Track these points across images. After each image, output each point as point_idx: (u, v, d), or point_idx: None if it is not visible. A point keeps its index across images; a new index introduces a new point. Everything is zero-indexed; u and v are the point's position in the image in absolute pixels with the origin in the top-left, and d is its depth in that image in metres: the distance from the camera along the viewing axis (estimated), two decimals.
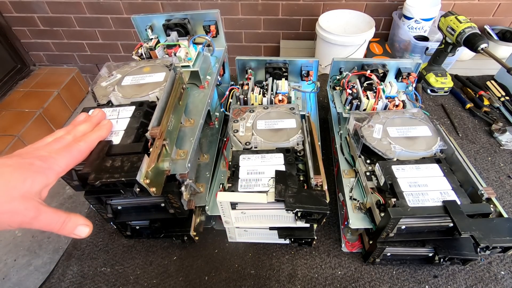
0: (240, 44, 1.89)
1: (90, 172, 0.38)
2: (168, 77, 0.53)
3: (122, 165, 0.38)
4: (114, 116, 0.47)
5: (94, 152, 0.41)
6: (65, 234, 0.34)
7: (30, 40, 2.01)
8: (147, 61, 0.61)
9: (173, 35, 0.68)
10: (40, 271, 1.36)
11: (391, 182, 0.48)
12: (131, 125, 0.45)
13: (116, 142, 0.43)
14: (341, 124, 0.68)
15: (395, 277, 0.54)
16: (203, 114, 0.58)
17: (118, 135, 0.44)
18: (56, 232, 0.33)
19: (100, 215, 0.50)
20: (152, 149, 0.41)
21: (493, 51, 0.79)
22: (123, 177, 0.37)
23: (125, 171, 0.38)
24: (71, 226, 0.34)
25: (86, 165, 0.39)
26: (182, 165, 0.48)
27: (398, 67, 0.70)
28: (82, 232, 0.35)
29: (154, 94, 0.51)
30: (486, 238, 0.39)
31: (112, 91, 0.52)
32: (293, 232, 0.53)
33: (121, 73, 0.56)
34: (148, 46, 0.65)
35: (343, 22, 1.50)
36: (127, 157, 0.40)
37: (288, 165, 0.50)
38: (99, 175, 0.38)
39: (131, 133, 0.44)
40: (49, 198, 1.65)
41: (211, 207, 0.56)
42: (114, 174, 0.38)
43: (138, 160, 0.39)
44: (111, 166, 0.38)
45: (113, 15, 1.81)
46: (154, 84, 0.53)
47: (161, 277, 0.56)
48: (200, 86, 0.65)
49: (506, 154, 0.76)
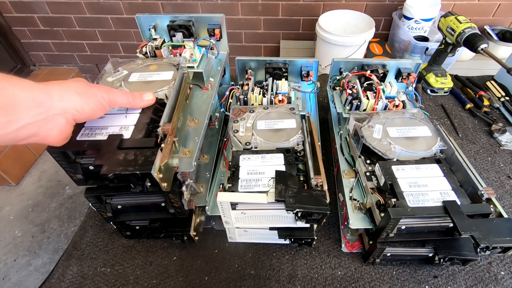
0: (240, 44, 1.89)
1: (103, 164, 0.39)
2: (177, 76, 0.54)
3: (136, 159, 0.39)
4: (123, 111, 0.48)
5: (105, 145, 0.41)
6: (138, 105, 0.47)
7: (30, 40, 2.01)
8: (153, 59, 0.62)
9: (178, 36, 0.69)
10: (40, 271, 1.36)
11: (391, 182, 0.48)
12: (141, 120, 0.46)
13: (127, 136, 0.44)
14: (341, 124, 0.68)
15: (395, 277, 0.54)
16: (208, 114, 0.59)
17: (128, 129, 0.45)
18: (130, 107, 0.46)
19: (100, 215, 0.50)
20: (164, 144, 0.42)
21: (493, 51, 0.79)
22: (138, 170, 0.38)
23: (139, 164, 0.39)
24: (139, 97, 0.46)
25: (97, 158, 0.40)
26: (189, 163, 0.49)
27: (398, 67, 0.70)
28: (147, 96, 0.47)
29: (162, 91, 0.52)
30: (486, 238, 0.39)
31: (119, 86, 0.53)
32: (293, 232, 0.53)
33: (127, 69, 0.57)
34: (154, 45, 0.66)
35: (343, 22, 1.50)
36: (140, 151, 0.40)
37: (288, 165, 0.50)
38: (112, 167, 0.38)
39: (142, 128, 0.45)
40: (49, 198, 1.66)
41: (211, 207, 0.56)
42: (128, 166, 0.38)
43: (152, 154, 0.40)
44: (124, 159, 0.39)
45: (113, 15, 1.81)
46: (162, 82, 0.54)
47: (161, 277, 0.56)
48: (203, 88, 0.66)
49: (506, 154, 0.76)
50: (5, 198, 1.65)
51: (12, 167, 1.68)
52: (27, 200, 1.63)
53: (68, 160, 0.43)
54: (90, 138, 0.44)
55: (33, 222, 1.54)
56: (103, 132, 0.44)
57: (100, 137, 0.44)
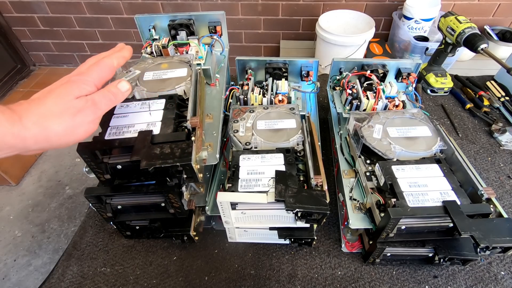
0: (240, 44, 1.89)
1: (141, 159, 0.40)
2: (192, 72, 0.56)
3: (173, 152, 0.41)
4: (146, 108, 0.50)
5: (138, 141, 0.43)
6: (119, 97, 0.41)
7: (30, 40, 2.01)
8: (163, 58, 0.63)
9: (182, 34, 0.70)
10: (40, 271, 1.36)
11: (391, 182, 0.48)
12: (166, 116, 0.48)
13: (156, 132, 0.45)
14: (341, 124, 0.68)
15: (395, 277, 0.54)
16: (221, 109, 0.61)
17: (155, 125, 0.46)
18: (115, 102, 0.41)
19: (100, 215, 0.50)
20: (194, 137, 0.44)
21: (493, 51, 0.79)
22: (178, 162, 0.40)
23: (178, 157, 0.40)
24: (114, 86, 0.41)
25: (133, 153, 0.41)
26: (212, 156, 0.51)
27: (398, 67, 0.70)
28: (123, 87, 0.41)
29: (180, 88, 0.54)
30: (486, 238, 0.39)
31: (135, 86, 0.55)
32: (293, 232, 0.53)
33: (139, 69, 0.58)
34: (160, 44, 0.67)
35: (343, 22, 1.50)
36: (174, 144, 0.42)
37: (288, 165, 0.50)
38: (151, 161, 0.40)
39: (169, 124, 0.46)
40: (49, 198, 1.66)
41: (211, 207, 0.56)
42: (167, 159, 0.40)
43: (188, 146, 0.41)
44: (161, 153, 0.41)
45: (113, 15, 1.81)
46: (178, 79, 0.55)
47: (161, 277, 0.56)
48: (211, 84, 0.68)
49: (506, 154, 0.76)
50: (5, 198, 1.65)
51: (12, 167, 1.68)
52: (27, 200, 1.63)
53: (97, 161, 0.44)
54: (119, 136, 0.45)
55: (33, 222, 1.54)
56: (130, 130, 0.46)
57: (129, 135, 0.45)
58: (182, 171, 0.42)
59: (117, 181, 0.47)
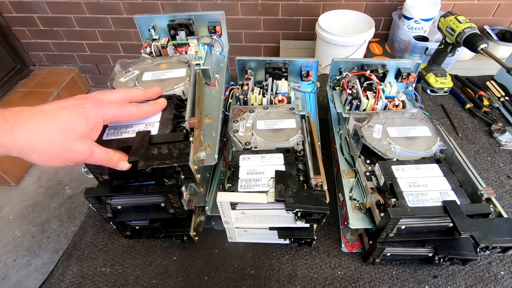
0: (240, 44, 1.89)
1: (139, 160, 0.40)
2: (191, 73, 0.56)
3: (171, 152, 0.41)
4: None
5: (136, 141, 0.43)
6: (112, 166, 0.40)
7: (30, 40, 2.01)
8: (162, 58, 0.63)
9: (182, 34, 0.70)
10: (40, 271, 1.36)
11: (391, 182, 0.48)
12: (165, 116, 0.48)
13: (154, 133, 0.45)
14: (341, 124, 0.68)
15: (395, 277, 0.54)
16: (221, 109, 0.61)
17: (154, 126, 0.46)
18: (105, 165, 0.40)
19: (100, 215, 0.50)
20: (192, 138, 0.44)
21: (493, 51, 0.79)
22: (175, 162, 0.40)
23: (175, 157, 0.40)
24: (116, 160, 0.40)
25: (131, 154, 0.41)
26: (211, 156, 0.51)
27: (398, 67, 0.70)
28: (124, 166, 0.41)
29: (179, 88, 0.53)
30: (486, 238, 0.39)
31: (133, 86, 0.55)
32: (293, 232, 0.53)
33: (138, 69, 0.58)
34: (159, 44, 0.67)
35: (343, 22, 1.50)
36: (172, 144, 0.42)
37: (288, 165, 0.50)
38: (149, 162, 0.40)
39: (168, 124, 0.46)
40: (48, 198, 1.66)
41: (211, 207, 0.56)
42: (164, 160, 0.40)
43: (186, 147, 0.41)
44: (159, 154, 0.41)
45: (113, 15, 1.81)
46: (177, 79, 0.55)
47: (161, 277, 0.56)
48: (210, 84, 0.67)
49: (505, 154, 0.76)
50: (5, 198, 1.65)
51: (12, 167, 1.68)
52: (27, 200, 1.63)
53: None
54: (117, 137, 0.45)
55: (33, 222, 1.54)
56: (128, 131, 0.46)
57: (127, 135, 0.45)
58: (180, 171, 0.42)
59: (115, 181, 0.47)
